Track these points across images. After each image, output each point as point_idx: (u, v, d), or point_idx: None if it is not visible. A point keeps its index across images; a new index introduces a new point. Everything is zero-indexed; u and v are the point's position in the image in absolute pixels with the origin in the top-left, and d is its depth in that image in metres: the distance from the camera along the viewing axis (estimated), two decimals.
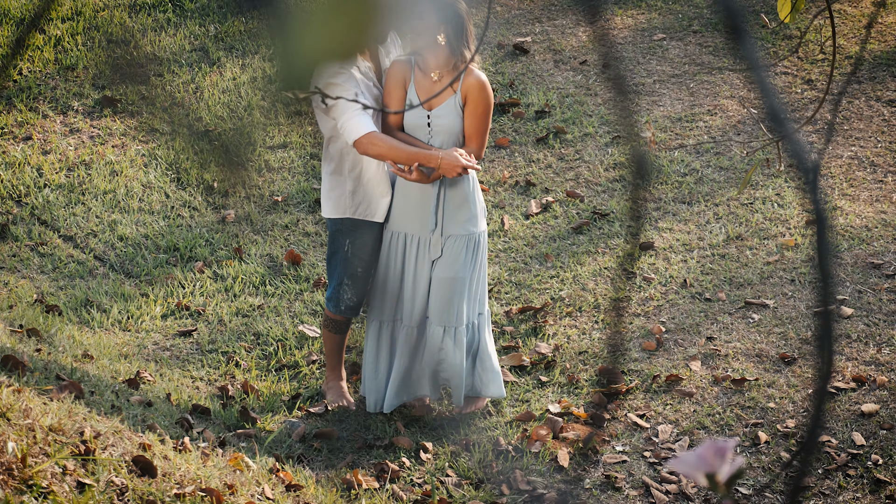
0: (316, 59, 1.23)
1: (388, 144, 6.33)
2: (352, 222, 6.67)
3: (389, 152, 6.34)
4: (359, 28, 1.22)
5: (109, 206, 8.86)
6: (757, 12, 11.14)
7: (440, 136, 6.44)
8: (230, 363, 7.43)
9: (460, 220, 6.56)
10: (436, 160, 6.35)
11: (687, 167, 9.23)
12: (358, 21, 1.22)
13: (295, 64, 1.24)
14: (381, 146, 6.32)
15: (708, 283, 8.01)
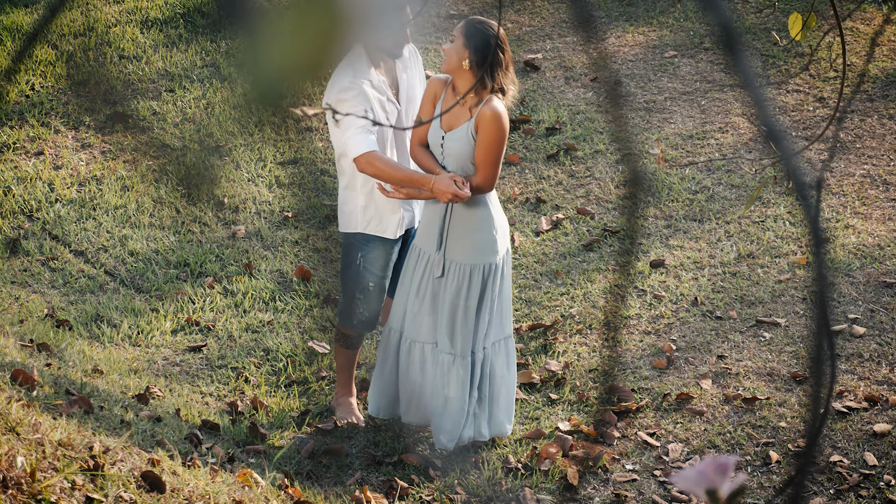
0: (283, 73, 1.23)
1: (384, 165, 6.34)
2: (364, 237, 6.68)
3: (384, 173, 6.35)
4: (323, 43, 1.22)
5: (120, 221, 8.87)
6: (768, 30, 11.14)
7: (451, 160, 6.42)
8: (240, 379, 7.42)
9: (467, 246, 6.49)
10: (428, 185, 6.34)
11: (698, 185, 9.22)
12: (322, 36, 1.21)
13: (263, 77, 1.23)
14: (378, 166, 6.34)
15: (719, 301, 7.99)
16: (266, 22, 1.23)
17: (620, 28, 11.58)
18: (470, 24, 6.30)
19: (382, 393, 6.87)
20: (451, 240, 6.51)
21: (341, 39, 1.22)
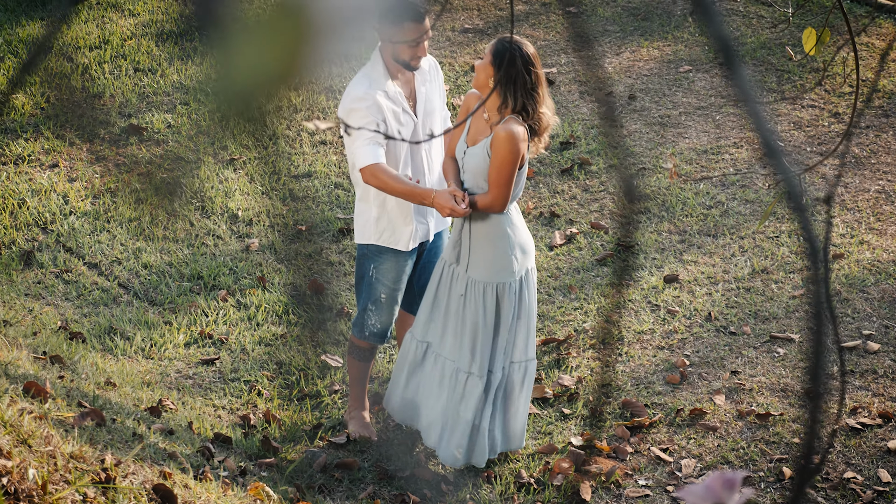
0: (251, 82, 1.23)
1: (387, 177, 6.36)
2: (377, 248, 6.69)
3: (387, 186, 6.37)
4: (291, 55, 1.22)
5: (134, 233, 8.87)
6: (783, 45, 11.12)
7: (468, 175, 6.41)
8: (252, 392, 7.42)
9: (483, 263, 6.47)
10: (429, 199, 6.35)
11: (712, 200, 9.20)
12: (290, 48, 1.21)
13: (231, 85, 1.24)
14: (382, 178, 6.36)
15: (733, 317, 7.97)
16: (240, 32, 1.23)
17: (635, 43, 11.58)
18: (499, 42, 6.28)
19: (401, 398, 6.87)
20: (470, 256, 6.50)
21: (310, 51, 1.23)
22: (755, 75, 10.89)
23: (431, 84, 6.70)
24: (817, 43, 4.91)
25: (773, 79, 10.80)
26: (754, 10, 12.01)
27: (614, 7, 12.30)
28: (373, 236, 6.68)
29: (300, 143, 10.01)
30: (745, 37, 11.52)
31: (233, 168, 9.66)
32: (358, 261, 6.81)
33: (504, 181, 6.26)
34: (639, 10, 12.17)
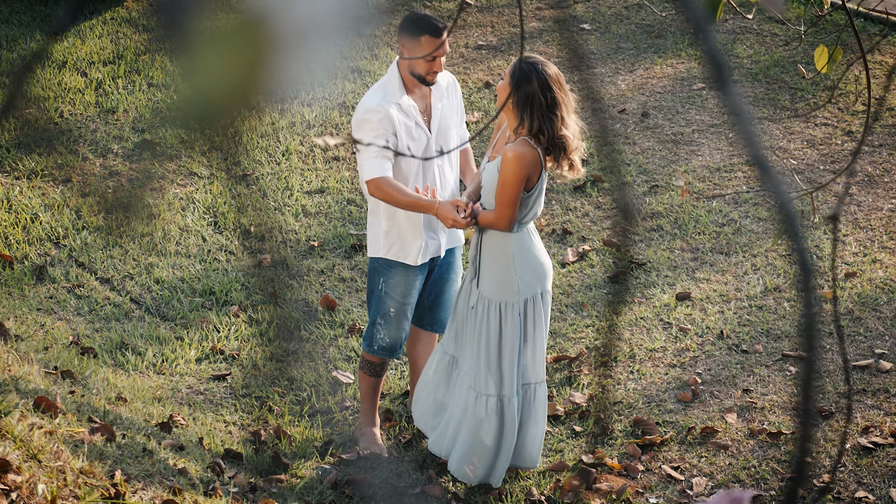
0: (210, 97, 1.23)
1: (392, 190, 6.40)
2: (386, 262, 6.71)
3: (392, 198, 6.41)
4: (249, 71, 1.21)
5: (146, 249, 8.89)
6: (796, 63, 11.11)
7: (484, 190, 6.41)
8: (263, 408, 7.41)
9: (491, 281, 6.47)
10: (433, 209, 6.37)
11: (725, 217, 9.19)
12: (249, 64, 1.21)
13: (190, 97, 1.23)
14: (387, 191, 6.39)
15: (745, 335, 7.96)
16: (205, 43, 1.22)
17: (649, 60, 11.57)
18: (518, 62, 6.26)
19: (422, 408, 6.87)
20: (480, 272, 6.50)
21: (270, 64, 1.22)
22: (768, 93, 10.88)
23: (448, 101, 6.71)
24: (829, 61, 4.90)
25: (786, 97, 10.79)
26: (768, 28, 12.00)
27: (628, 24, 12.30)
28: (382, 249, 6.70)
29: (313, 159, 10.02)
30: (758, 55, 11.51)
31: (245, 184, 9.67)
32: (369, 274, 6.83)
33: (506, 201, 6.23)
34: (652, 28, 12.17)
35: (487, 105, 10.78)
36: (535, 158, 6.18)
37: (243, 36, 1.21)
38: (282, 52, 1.22)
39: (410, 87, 6.55)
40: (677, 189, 9.49)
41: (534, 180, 6.23)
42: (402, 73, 6.52)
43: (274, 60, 1.22)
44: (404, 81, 6.53)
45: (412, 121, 6.51)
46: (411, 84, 6.55)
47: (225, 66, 1.21)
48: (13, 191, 9.28)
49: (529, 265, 6.42)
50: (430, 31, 6.39)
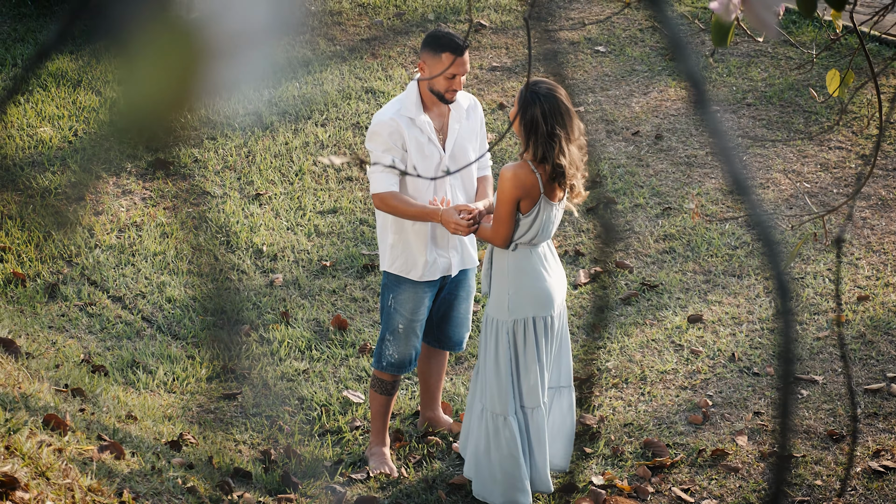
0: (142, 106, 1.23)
1: (397, 203, 6.49)
2: (395, 278, 6.73)
3: (397, 210, 6.51)
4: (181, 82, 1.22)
5: (159, 267, 8.90)
6: (809, 86, 11.11)
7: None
8: (273, 427, 7.41)
9: (492, 296, 6.52)
10: (437, 216, 6.44)
11: (738, 240, 9.18)
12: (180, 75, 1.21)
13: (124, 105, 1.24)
14: (392, 204, 6.49)
15: (756, 358, 7.94)
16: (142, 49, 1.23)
17: (663, 82, 11.58)
18: (526, 86, 6.27)
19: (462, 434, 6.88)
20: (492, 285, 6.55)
21: (202, 75, 1.23)
22: (782, 116, 10.88)
23: (468, 123, 6.71)
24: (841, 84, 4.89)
25: (800, 120, 10.78)
26: (782, 52, 12.00)
27: (642, 47, 12.30)
28: (387, 262, 6.73)
29: (326, 179, 10.03)
30: (772, 78, 11.51)
31: (258, 203, 9.68)
32: (381, 290, 6.87)
33: (499, 217, 6.28)
34: (667, 51, 12.17)
35: (501, 126, 10.78)
36: (533, 182, 6.19)
37: (179, 42, 1.21)
38: (217, 58, 1.23)
39: (429, 104, 6.58)
40: (689, 211, 9.48)
41: (528, 205, 6.22)
42: (422, 90, 6.55)
43: (209, 66, 1.23)
44: (423, 99, 6.56)
45: (425, 137, 6.53)
46: (430, 102, 6.57)
47: (161, 72, 1.21)
48: (27, 208, 9.30)
49: (524, 287, 6.41)
50: (452, 48, 6.43)
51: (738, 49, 12.13)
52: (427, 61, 6.48)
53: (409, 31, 12.53)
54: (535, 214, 6.25)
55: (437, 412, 7.38)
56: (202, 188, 9.85)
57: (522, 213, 6.24)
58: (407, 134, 6.47)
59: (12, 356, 7.19)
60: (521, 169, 6.19)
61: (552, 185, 6.23)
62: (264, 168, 10.10)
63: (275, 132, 10.64)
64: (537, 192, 6.20)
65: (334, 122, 10.86)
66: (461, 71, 6.47)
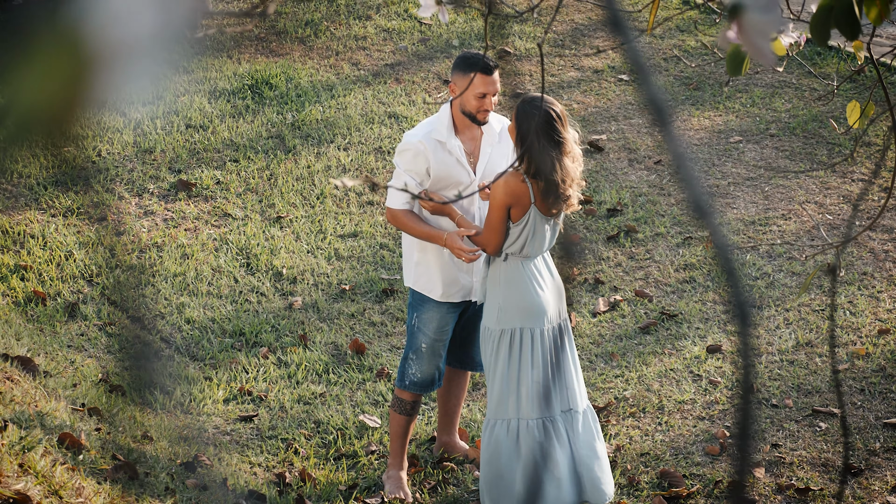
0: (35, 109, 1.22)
1: (408, 221, 6.58)
2: (420, 297, 6.76)
3: (407, 228, 6.60)
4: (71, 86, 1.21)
5: (178, 288, 8.91)
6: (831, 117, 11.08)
7: None
8: (289, 450, 7.40)
9: (486, 305, 6.58)
10: (441, 240, 6.49)
11: (758, 271, 9.15)
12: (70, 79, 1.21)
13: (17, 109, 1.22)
14: (403, 221, 6.60)
15: (775, 389, 7.91)
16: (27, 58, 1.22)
17: (686, 112, 11.57)
18: (521, 102, 6.32)
19: None
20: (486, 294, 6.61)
21: (92, 84, 1.22)
22: (805, 147, 10.85)
23: (500, 147, 6.73)
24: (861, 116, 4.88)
25: (823, 151, 10.76)
26: (806, 83, 11.98)
27: (666, 76, 12.30)
28: (410, 279, 6.76)
29: (347, 203, 10.04)
30: (796, 109, 11.49)
31: (279, 226, 9.70)
32: (408, 308, 6.90)
33: (490, 223, 6.35)
34: (691, 80, 12.17)
35: None
36: (523, 191, 6.26)
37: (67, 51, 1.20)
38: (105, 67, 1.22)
39: (461, 127, 6.60)
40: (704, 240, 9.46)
41: (519, 214, 6.27)
42: (454, 113, 6.58)
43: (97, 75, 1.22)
44: (455, 122, 6.58)
45: (453, 158, 6.55)
46: (462, 125, 6.59)
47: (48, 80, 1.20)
48: (49, 228, 9.33)
49: (514, 298, 6.46)
50: (482, 68, 6.46)
51: (762, 80, 12.12)
52: (458, 83, 6.50)
53: (433, 57, 12.56)
54: (524, 224, 6.31)
55: (453, 437, 7.37)
56: (224, 210, 9.87)
57: (513, 222, 6.32)
58: (433, 158, 6.49)
59: (30, 374, 7.20)
60: (512, 178, 6.25)
61: (545, 200, 6.27)
62: (286, 191, 10.12)
63: (297, 155, 10.66)
64: (527, 201, 6.27)
65: (357, 146, 10.88)
66: (491, 90, 6.48)
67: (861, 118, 4.89)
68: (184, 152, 10.64)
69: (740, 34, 1.86)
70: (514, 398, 6.54)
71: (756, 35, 1.84)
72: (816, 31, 2.76)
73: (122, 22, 1.23)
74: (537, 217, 6.33)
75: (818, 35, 2.74)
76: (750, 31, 1.86)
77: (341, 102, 11.64)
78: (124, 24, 1.23)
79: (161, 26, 1.22)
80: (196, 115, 11.21)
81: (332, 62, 12.55)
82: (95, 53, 1.21)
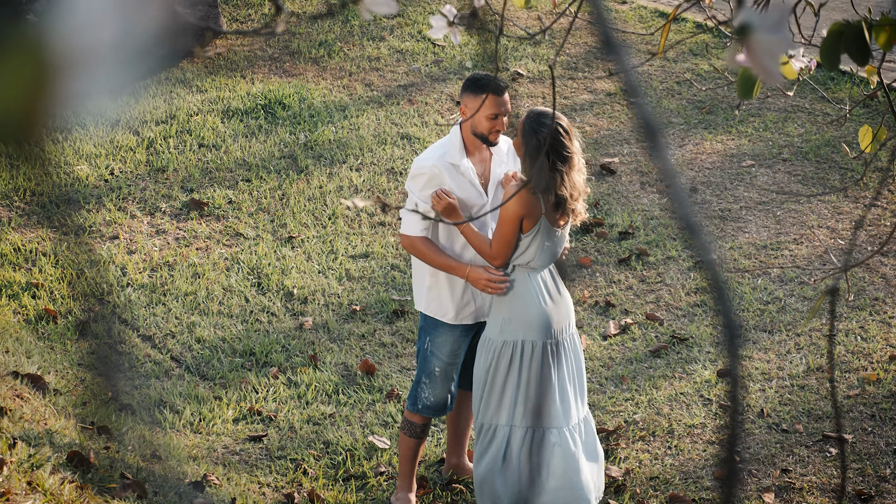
0: None
1: (425, 249, 6.55)
2: (433, 321, 6.73)
3: (424, 256, 6.56)
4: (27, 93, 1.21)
5: (189, 307, 8.92)
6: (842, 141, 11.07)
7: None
8: (298, 470, 7.40)
9: (490, 317, 6.60)
10: (463, 273, 6.49)
11: (770, 295, 9.13)
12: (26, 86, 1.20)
13: None
14: (420, 249, 6.55)
15: (786, 414, 7.88)
16: None
17: (699, 136, 11.57)
18: (527, 118, 6.31)
19: None
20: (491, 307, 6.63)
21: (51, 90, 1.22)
22: (818, 172, 10.85)
23: (509, 167, 6.73)
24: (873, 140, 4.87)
25: (835, 176, 10.75)
26: (819, 108, 11.98)
27: (679, 99, 12.31)
28: (423, 303, 6.73)
29: (359, 223, 10.05)
30: (809, 133, 11.49)
31: (291, 246, 9.70)
32: (419, 332, 6.86)
33: (502, 235, 6.35)
34: (703, 104, 12.17)
35: None
36: (535, 203, 6.30)
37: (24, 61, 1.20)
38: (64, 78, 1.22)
39: (471, 149, 6.58)
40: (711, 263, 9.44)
41: (530, 224, 6.28)
42: (465, 135, 6.56)
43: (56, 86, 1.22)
44: (465, 143, 6.56)
45: (467, 181, 6.54)
46: (472, 146, 6.58)
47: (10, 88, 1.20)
48: (60, 246, 9.35)
49: (520, 310, 6.47)
50: (493, 89, 6.44)
51: (774, 104, 12.12)
52: (468, 104, 6.48)
53: (446, 78, 12.58)
54: (534, 234, 6.32)
55: (462, 459, 7.36)
56: (235, 230, 9.88)
57: (523, 233, 6.31)
58: (448, 181, 6.48)
59: (40, 392, 7.21)
60: (524, 190, 6.25)
61: (554, 211, 6.30)
62: (298, 211, 10.13)
63: (309, 176, 10.67)
64: (538, 212, 6.28)
65: (369, 166, 10.89)
66: (503, 111, 6.47)
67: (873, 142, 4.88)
68: (196, 171, 10.66)
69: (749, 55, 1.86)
70: (508, 405, 6.54)
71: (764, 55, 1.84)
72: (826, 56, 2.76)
73: (86, 31, 1.23)
74: (546, 228, 6.35)
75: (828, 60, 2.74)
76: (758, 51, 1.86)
77: (354, 123, 11.65)
78: (88, 33, 1.23)
79: (125, 36, 1.22)
80: (209, 134, 11.23)
81: (345, 83, 12.58)
82: (59, 62, 1.21)
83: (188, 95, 12.07)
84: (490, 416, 6.58)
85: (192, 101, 11.92)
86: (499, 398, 6.54)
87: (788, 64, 4.15)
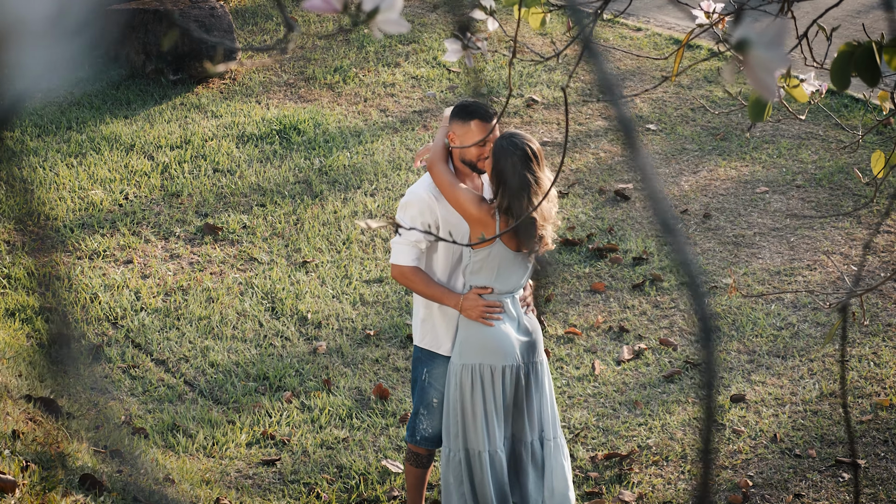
0: None
1: (416, 279, 6.52)
2: (429, 353, 6.71)
3: (415, 287, 6.54)
4: None
5: (203, 332, 8.94)
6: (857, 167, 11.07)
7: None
8: (311, 495, 7.40)
9: (456, 339, 6.61)
10: (456, 303, 6.47)
11: (783, 321, 9.13)
12: None
13: None
14: (411, 278, 6.52)
15: (798, 439, 7.87)
16: None
17: (713, 162, 11.58)
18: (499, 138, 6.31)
19: None
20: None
21: None
22: (831, 198, 10.85)
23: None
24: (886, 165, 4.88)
25: (849, 202, 10.75)
26: (833, 135, 11.99)
27: (693, 126, 12.32)
28: (418, 336, 6.73)
29: (373, 248, 10.07)
30: (822, 160, 11.49)
31: (305, 271, 9.73)
32: (413, 363, 6.84)
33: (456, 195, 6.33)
34: (717, 130, 12.19)
35: None
36: (489, 222, 6.29)
37: None
38: None
39: (462, 177, 6.58)
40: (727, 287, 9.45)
41: (482, 244, 6.28)
42: (455, 163, 6.55)
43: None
44: (457, 171, 6.56)
45: None
46: (463, 174, 6.57)
47: None
48: (74, 270, 9.38)
49: (475, 334, 6.45)
50: (481, 116, 6.43)
51: (788, 131, 12.13)
52: (457, 131, 6.47)
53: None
54: (484, 257, 6.32)
55: None
56: (250, 254, 9.90)
57: (474, 251, 6.32)
58: (440, 210, 6.48)
59: (53, 416, 7.23)
60: (485, 205, 6.27)
61: (514, 236, 6.31)
62: (312, 236, 10.15)
63: (324, 201, 10.70)
64: (489, 231, 6.26)
65: (384, 192, 10.92)
66: (492, 138, 6.46)
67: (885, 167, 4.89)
68: (211, 196, 10.69)
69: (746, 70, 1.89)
70: (472, 430, 6.53)
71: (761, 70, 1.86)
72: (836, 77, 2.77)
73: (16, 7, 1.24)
74: (504, 252, 6.35)
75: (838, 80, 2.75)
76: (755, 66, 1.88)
77: (369, 149, 11.69)
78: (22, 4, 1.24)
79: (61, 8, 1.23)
80: (224, 159, 11.27)
81: (360, 108, 12.62)
82: None
83: (203, 120, 12.11)
84: (452, 441, 6.57)
85: (207, 125, 11.97)
86: (460, 422, 6.54)
87: (800, 87, 4.16)
